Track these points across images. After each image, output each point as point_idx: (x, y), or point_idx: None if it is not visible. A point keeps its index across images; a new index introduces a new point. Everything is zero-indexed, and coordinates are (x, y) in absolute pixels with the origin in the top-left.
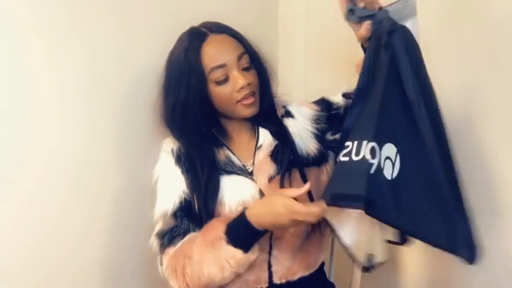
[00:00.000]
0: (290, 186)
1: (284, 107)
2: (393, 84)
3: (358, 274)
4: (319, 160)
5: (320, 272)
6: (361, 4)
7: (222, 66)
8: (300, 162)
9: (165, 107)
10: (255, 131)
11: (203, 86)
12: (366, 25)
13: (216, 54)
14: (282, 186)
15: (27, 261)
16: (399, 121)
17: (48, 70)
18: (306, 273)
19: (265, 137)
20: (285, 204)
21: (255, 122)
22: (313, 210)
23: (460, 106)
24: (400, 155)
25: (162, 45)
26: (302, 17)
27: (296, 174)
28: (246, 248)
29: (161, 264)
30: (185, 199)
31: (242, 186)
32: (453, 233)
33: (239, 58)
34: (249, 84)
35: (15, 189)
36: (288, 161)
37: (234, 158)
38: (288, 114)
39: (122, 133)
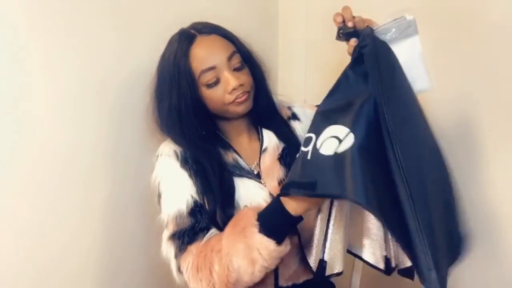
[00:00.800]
0: None
1: (289, 108)
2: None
3: (357, 275)
4: None
5: None
6: (350, 24)
7: (211, 68)
8: None
9: (159, 112)
10: (255, 132)
11: (194, 90)
12: (351, 42)
13: (204, 56)
14: None
15: (19, 263)
16: (354, 113)
17: (41, 71)
18: (311, 275)
19: (270, 139)
20: None
21: (256, 123)
22: None
23: (451, 113)
24: (354, 135)
25: (159, 46)
26: (302, 17)
27: None
28: (279, 238)
29: (179, 269)
30: (197, 201)
31: (254, 190)
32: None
33: (230, 58)
34: (241, 85)
35: (5, 189)
36: None
37: (241, 161)
38: (295, 116)
39: (116, 135)
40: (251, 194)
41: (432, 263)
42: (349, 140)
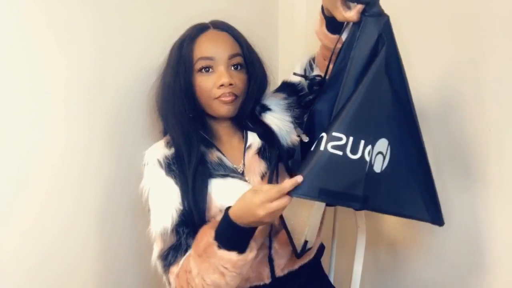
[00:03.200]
0: (277, 181)
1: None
2: (386, 78)
3: (358, 273)
4: None
5: (316, 258)
6: None
7: (209, 58)
8: (286, 155)
9: (157, 88)
10: (242, 135)
11: (189, 75)
12: (359, 8)
13: (208, 46)
14: (270, 182)
15: (8, 265)
16: (389, 114)
17: (32, 72)
18: (306, 260)
19: (253, 138)
20: (254, 196)
21: (242, 127)
22: (283, 187)
23: (434, 95)
24: (390, 147)
25: (159, 44)
26: (302, 16)
27: (282, 168)
28: (240, 248)
29: (169, 284)
30: (182, 212)
31: (239, 188)
32: (432, 202)
33: (231, 57)
34: (230, 84)
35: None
36: (276, 157)
37: (225, 160)
38: (265, 108)
39: (110, 139)
40: (236, 193)
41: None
42: (387, 156)
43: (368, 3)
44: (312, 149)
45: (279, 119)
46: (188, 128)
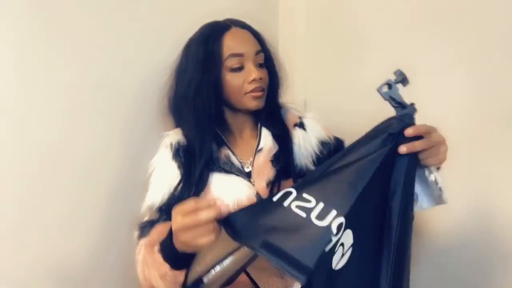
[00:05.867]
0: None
1: (300, 117)
2: (381, 180)
3: None
4: None
5: None
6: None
7: (239, 55)
8: (294, 172)
9: (176, 87)
10: (256, 131)
11: (218, 71)
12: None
13: (236, 43)
14: (271, 192)
15: (5, 261)
16: (366, 216)
17: (38, 71)
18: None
19: (266, 140)
20: (175, 217)
21: (259, 121)
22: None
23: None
24: (352, 250)
25: (159, 42)
26: (302, 16)
27: (288, 184)
28: (175, 265)
29: (138, 253)
30: (174, 195)
31: (238, 187)
32: None
33: (256, 53)
34: (261, 79)
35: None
36: (286, 168)
37: (233, 159)
38: (302, 125)
39: (112, 137)
40: (235, 191)
41: None
42: (347, 256)
43: (400, 105)
44: (274, 199)
45: (305, 140)
46: (203, 125)
